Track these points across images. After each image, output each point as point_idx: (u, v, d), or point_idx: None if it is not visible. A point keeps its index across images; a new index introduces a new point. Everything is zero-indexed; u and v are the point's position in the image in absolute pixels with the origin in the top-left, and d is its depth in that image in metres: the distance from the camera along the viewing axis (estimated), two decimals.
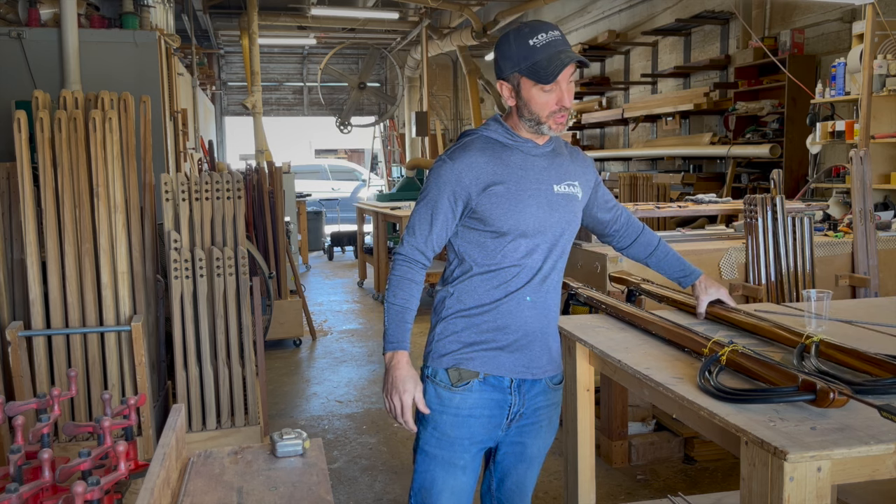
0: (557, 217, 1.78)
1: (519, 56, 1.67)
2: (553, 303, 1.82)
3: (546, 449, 1.95)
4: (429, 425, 1.81)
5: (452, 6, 10.62)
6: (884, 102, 5.07)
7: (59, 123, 2.96)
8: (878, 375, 1.59)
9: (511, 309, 1.76)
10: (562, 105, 1.70)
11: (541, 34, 1.66)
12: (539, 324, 1.79)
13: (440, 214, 1.75)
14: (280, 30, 12.24)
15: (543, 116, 1.71)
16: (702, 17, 7.70)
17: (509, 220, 1.72)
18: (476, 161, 1.73)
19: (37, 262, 2.99)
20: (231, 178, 3.37)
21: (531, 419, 1.85)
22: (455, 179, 1.72)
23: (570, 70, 1.68)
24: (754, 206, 3.56)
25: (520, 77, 1.69)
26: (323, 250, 11.28)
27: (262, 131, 9.29)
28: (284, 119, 16.88)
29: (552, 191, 1.77)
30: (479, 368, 1.76)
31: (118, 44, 5.28)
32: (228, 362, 3.37)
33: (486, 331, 1.76)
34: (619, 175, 6.92)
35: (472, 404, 1.77)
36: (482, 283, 1.76)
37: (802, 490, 1.32)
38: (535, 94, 1.69)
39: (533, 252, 1.76)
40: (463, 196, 1.73)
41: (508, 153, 1.76)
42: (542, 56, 1.65)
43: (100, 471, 1.39)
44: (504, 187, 1.72)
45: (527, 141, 1.78)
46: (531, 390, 1.83)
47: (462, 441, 1.79)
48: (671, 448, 3.46)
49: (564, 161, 1.83)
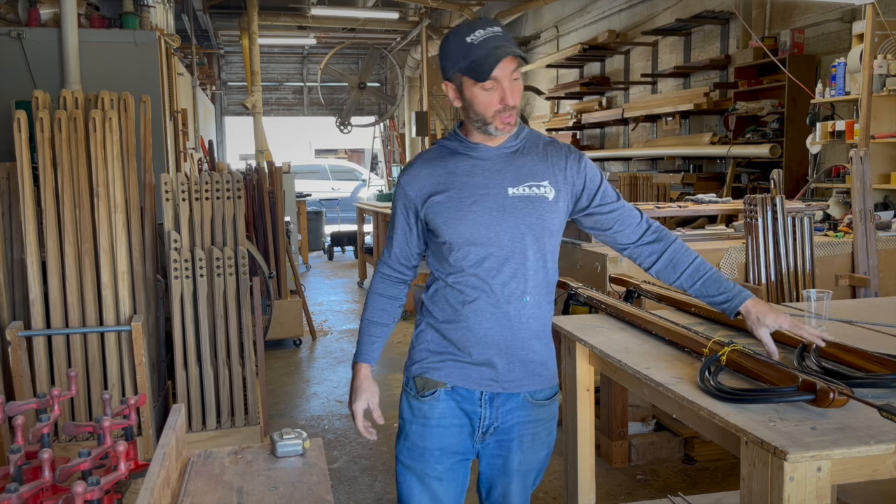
0: (513, 221, 1.67)
1: (458, 55, 1.61)
2: (526, 313, 1.71)
3: (536, 464, 1.83)
4: (401, 435, 1.81)
5: (452, 6, 10.62)
6: (884, 102, 5.06)
7: (59, 123, 2.96)
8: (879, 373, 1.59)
9: (470, 321, 1.70)
10: (506, 104, 1.62)
11: (479, 31, 1.59)
12: (503, 336, 1.70)
13: (398, 230, 1.78)
14: (280, 30, 12.24)
15: (488, 116, 1.63)
16: (702, 17, 7.70)
17: (450, 229, 1.68)
18: (419, 173, 1.72)
19: (37, 262, 2.98)
20: (231, 178, 3.37)
21: (509, 434, 1.77)
22: (403, 195, 1.74)
23: (511, 66, 1.61)
24: (754, 206, 3.56)
25: (461, 77, 1.63)
26: (323, 250, 11.27)
27: (262, 131, 9.29)
28: (284, 119, 16.89)
29: (505, 194, 1.67)
30: (445, 379, 1.73)
31: (118, 44, 5.28)
32: (228, 362, 3.37)
33: (453, 342, 1.72)
34: (619, 175, 6.91)
35: (440, 413, 1.74)
36: (447, 293, 1.73)
37: (802, 490, 1.32)
38: (476, 93, 1.62)
39: (484, 260, 1.68)
40: (412, 209, 1.74)
41: (456, 160, 1.71)
42: (480, 53, 1.58)
43: (100, 471, 1.39)
44: (445, 196, 1.68)
45: (477, 145, 1.71)
46: (506, 404, 1.74)
47: (432, 451, 1.75)
48: (671, 448, 3.46)
49: (529, 161, 1.71)
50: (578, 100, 10.96)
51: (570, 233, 3.90)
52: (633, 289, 2.72)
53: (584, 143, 11.08)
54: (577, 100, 11.01)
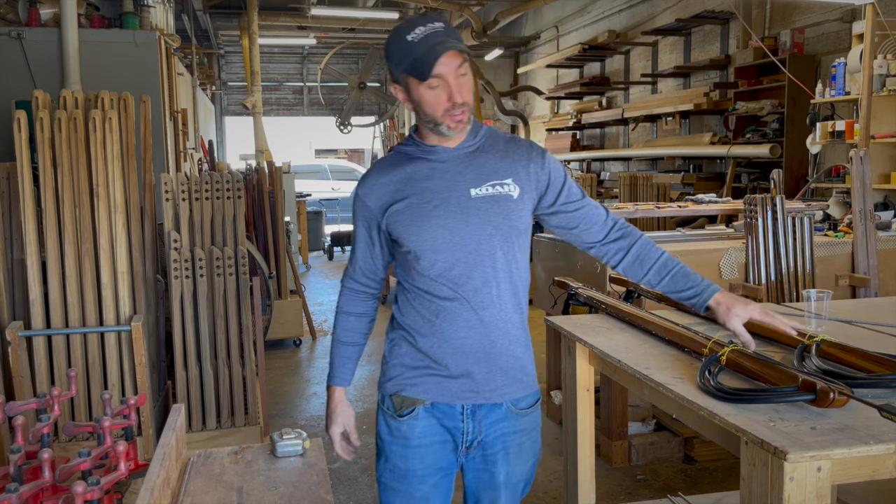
0: (478, 222, 1.60)
1: (400, 55, 1.55)
2: (502, 317, 1.64)
3: (523, 475, 1.76)
4: (381, 456, 1.74)
5: (452, 6, 10.62)
6: (884, 102, 5.06)
7: (59, 123, 2.96)
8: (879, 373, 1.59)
9: (445, 330, 1.62)
10: (454, 101, 1.54)
11: (419, 28, 1.53)
12: (481, 343, 1.63)
13: (360, 243, 1.73)
14: (280, 30, 12.24)
15: (438, 116, 1.56)
16: (702, 17, 7.70)
17: (413, 237, 1.61)
18: (377, 182, 1.66)
19: (37, 262, 2.99)
20: (231, 178, 3.37)
21: (495, 447, 1.70)
22: (362, 206, 1.68)
23: (456, 62, 1.53)
24: (754, 206, 3.56)
25: (406, 77, 1.56)
26: (323, 250, 11.27)
27: (262, 131, 9.29)
28: (284, 119, 16.89)
29: (468, 196, 1.60)
30: (423, 395, 1.65)
31: (118, 44, 5.28)
32: (228, 362, 3.37)
33: (428, 355, 1.65)
34: (619, 175, 6.92)
35: (421, 433, 1.67)
36: (418, 303, 1.66)
37: (802, 490, 1.32)
38: (423, 93, 1.55)
39: (453, 266, 1.60)
40: (374, 221, 1.68)
41: (414, 165, 1.65)
42: (420, 51, 1.51)
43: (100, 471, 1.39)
44: (406, 203, 1.61)
45: (434, 148, 1.64)
46: (489, 416, 1.67)
47: (415, 472, 1.68)
48: (671, 448, 3.46)
49: (490, 159, 1.65)
50: (578, 100, 10.96)
51: None
52: (633, 289, 2.72)
53: (584, 143, 11.09)
54: (577, 100, 11.01)
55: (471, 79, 1.60)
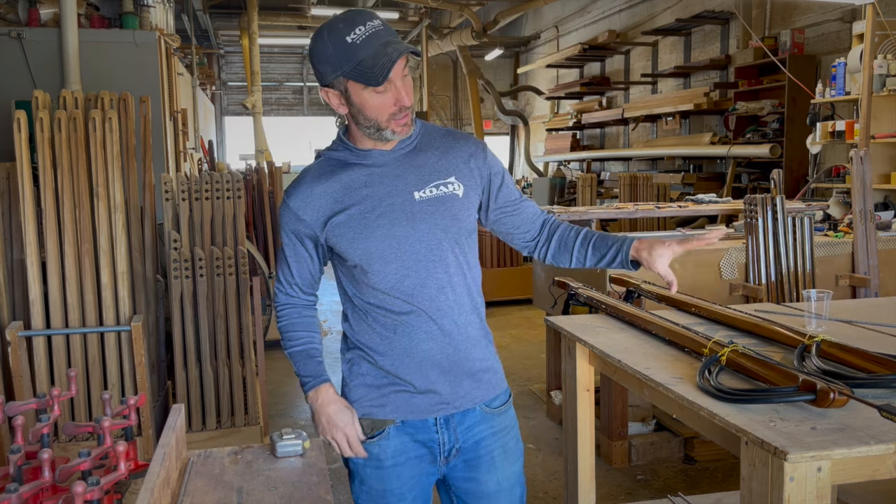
0: (426, 227, 1.51)
1: (339, 58, 1.42)
2: (461, 322, 1.57)
3: (513, 479, 1.68)
4: (356, 478, 1.64)
5: (452, 6, 10.63)
6: (884, 102, 5.07)
7: (58, 123, 2.96)
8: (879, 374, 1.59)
9: (405, 346, 1.54)
10: (401, 104, 1.45)
11: (358, 28, 1.40)
12: (445, 352, 1.55)
13: (294, 255, 1.61)
14: (280, 30, 12.25)
15: (382, 121, 1.46)
16: (702, 17, 7.71)
17: (358, 249, 1.51)
18: (311, 194, 1.53)
19: (37, 262, 2.98)
20: (231, 178, 3.37)
21: (475, 453, 1.62)
22: (294, 220, 1.55)
23: (402, 64, 1.43)
24: (754, 206, 3.56)
25: (346, 81, 1.44)
26: None
27: (262, 131, 9.30)
28: (284, 119, 16.89)
29: (412, 200, 1.51)
30: (392, 415, 1.57)
31: (118, 44, 5.28)
32: (228, 362, 3.37)
33: (391, 372, 1.56)
34: (619, 175, 6.92)
35: (394, 451, 1.59)
36: (370, 320, 1.57)
37: (802, 490, 1.32)
38: (367, 97, 1.44)
39: (406, 276, 1.52)
40: (309, 235, 1.56)
41: (349, 172, 1.53)
42: (366, 54, 1.39)
43: (100, 471, 1.39)
44: (346, 215, 1.50)
45: (370, 152, 1.52)
46: (463, 422, 1.60)
47: (392, 492, 1.60)
48: (671, 448, 3.46)
49: (430, 158, 1.55)
50: (578, 100, 10.97)
51: None
52: (633, 289, 2.72)
53: (584, 143, 11.09)
54: (577, 100, 11.02)
55: (411, 78, 1.50)
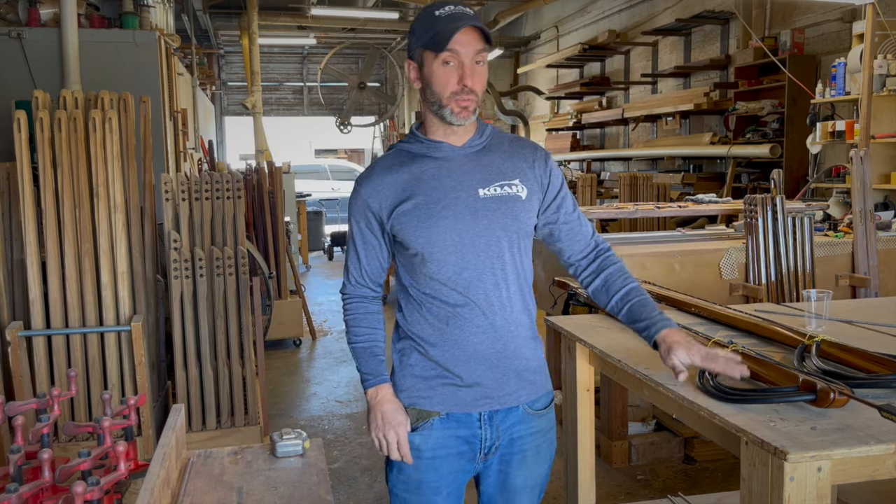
0: (487, 224, 1.56)
1: (423, 29, 1.53)
2: (512, 320, 1.61)
3: (538, 480, 1.72)
4: (394, 467, 1.67)
5: None
6: (884, 102, 5.06)
7: (59, 123, 2.96)
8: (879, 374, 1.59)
9: (457, 338, 1.58)
10: (464, 84, 1.51)
11: (448, 6, 1.51)
12: (493, 348, 1.59)
13: (364, 244, 1.64)
14: (280, 30, 12.25)
15: (445, 97, 1.52)
16: (702, 16, 7.70)
17: (421, 238, 1.55)
18: (382, 182, 1.59)
19: (37, 262, 2.98)
20: (231, 178, 3.37)
21: (510, 449, 1.67)
22: (364, 207, 1.61)
23: (475, 46, 1.51)
24: (754, 206, 3.56)
25: (423, 52, 1.54)
26: (323, 250, 11.27)
27: (262, 131, 9.30)
28: (284, 119, 16.90)
29: (476, 196, 1.56)
30: (438, 407, 1.61)
31: (118, 44, 5.28)
32: (228, 362, 3.37)
33: (439, 364, 1.60)
34: (619, 175, 6.92)
35: (435, 444, 1.62)
36: (424, 310, 1.60)
37: (802, 490, 1.32)
38: (435, 69, 1.52)
39: (464, 268, 1.56)
40: (376, 221, 1.61)
41: (419, 163, 1.59)
42: (443, 25, 1.49)
43: (100, 471, 1.39)
44: (412, 203, 1.56)
45: (441, 144, 1.59)
46: (506, 420, 1.64)
47: (429, 484, 1.63)
48: (671, 448, 3.46)
49: (497, 159, 1.61)
50: (578, 100, 10.96)
51: None
52: None
53: (584, 143, 11.08)
54: (577, 100, 11.01)
55: (486, 71, 1.56)
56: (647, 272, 3.42)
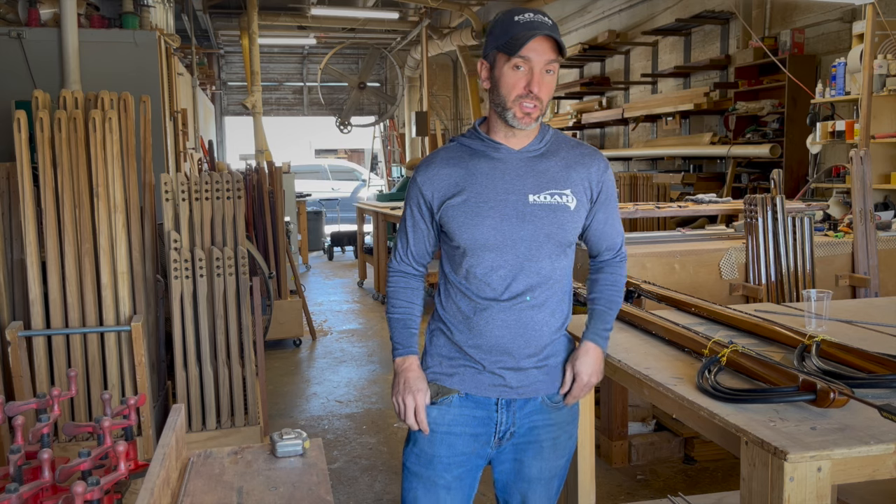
0: (531, 230, 1.62)
1: (501, 30, 1.58)
2: (539, 320, 1.66)
3: (555, 472, 1.77)
4: (410, 441, 1.75)
5: (452, 6, 10.62)
6: (884, 102, 5.06)
7: (58, 123, 2.96)
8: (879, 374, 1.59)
9: (482, 327, 1.65)
10: (530, 90, 1.55)
11: (528, 13, 1.57)
12: (516, 344, 1.65)
13: (413, 227, 1.72)
14: (280, 30, 12.24)
15: (510, 100, 1.57)
16: (702, 16, 7.70)
17: (465, 234, 1.62)
18: (438, 173, 1.66)
19: (37, 262, 2.98)
20: (231, 178, 3.37)
21: (527, 438, 1.72)
22: (418, 193, 1.68)
23: (548, 56, 1.55)
24: (754, 206, 3.56)
25: (496, 53, 1.59)
26: (323, 250, 11.27)
27: (262, 131, 9.30)
28: (284, 119, 16.89)
29: (525, 201, 1.62)
30: (458, 386, 1.68)
31: (118, 44, 5.28)
32: (228, 362, 3.37)
33: (464, 347, 1.67)
34: (620, 175, 6.92)
35: (451, 420, 1.69)
36: (457, 296, 1.68)
37: (802, 490, 1.32)
38: (506, 71, 1.57)
39: (499, 268, 1.62)
40: (427, 208, 1.68)
41: (476, 160, 1.65)
42: (520, 30, 1.54)
43: (100, 471, 1.39)
44: (462, 198, 1.62)
45: (500, 145, 1.65)
46: (524, 408, 1.70)
47: (441, 459, 1.69)
48: (671, 448, 3.46)
49: (553, 167, 1.65)
50: (578, 100, 10.96)
51: None
52: (633, 289, 2.72)
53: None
54: (577, 100, 11.01)
55: (555, 81, 1.61)
56: (647, 272, 3.42)
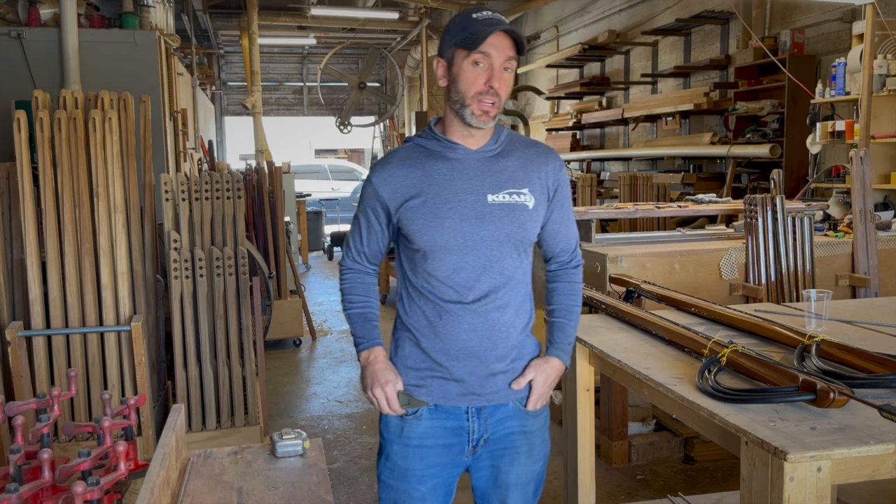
0: (491, 230, 1.60)
1: (458, 28, 1.57)
2: (505, 322, 1.64)
3: (531, 476, 1.75)
4: (383, 453, 1.73)
5: (452, 6, 10.62)
6: (884, 102, 5.06)
7: (58, 123, 2.96)
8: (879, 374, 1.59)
9: (448, 332, 1.62)
10: (490, 85, 1.54)
11: (486, 11, 1.57)
12: (483, 346, 1.62)
13: (368, 228, 1.70)
14: (280, 30, 12.25)
15: (468, 97, 1.55)
16: (702, 16, 7.70)
17: (425, 236, 1.59)
18: (394, 175, 1.63)
19: (37, 262, 2.98)
20: (231, 178, 3.37)
21: (503, 444, 1.70)
22: (374, 195, 1.65)
23: (507, 52, 1.54)
24: (754, 206, 3.56)
25: (454, 50, 1.57)
26: (323, 250, 11.27)
27: (262, 131, 9.30)
28: (284, 119, 16.90)
29: (484, 201, 1.60)
30: (427, 397, 1.66)
31: (118, 44, 5.28)
32: (228, 362, 3.37)
33: (430, 356, 1.64)
34: (619, 175, 6.92)
35: (423, 433, 1.66)
36: (420, 300, 1.65)
37: (802, 490, 1.32)
38: (464, 67, 1.55)
39: (461, 269, 1.60)
40: (383, 210, 1.65)
41: (433, 161, 1.62)
42: (478, 27, 1.53)
43: (100, 471, 1.39)
44: (420, 200, 1.60)
45: (457, 146, 1.63)
46: (495, 414, 1.67)
47: (415, 472, 1.67)
48: (671, 448, 3.46)
49: (509, 166, 1.64)
50: (578, 100, 10.96)
51: None
52: (633, 289, 2.72)
53: (584, 143, 11.08)
54: (577, 100, 11.01)
55: (512, 80, 1.60)
56: (647, 272, 3.42)
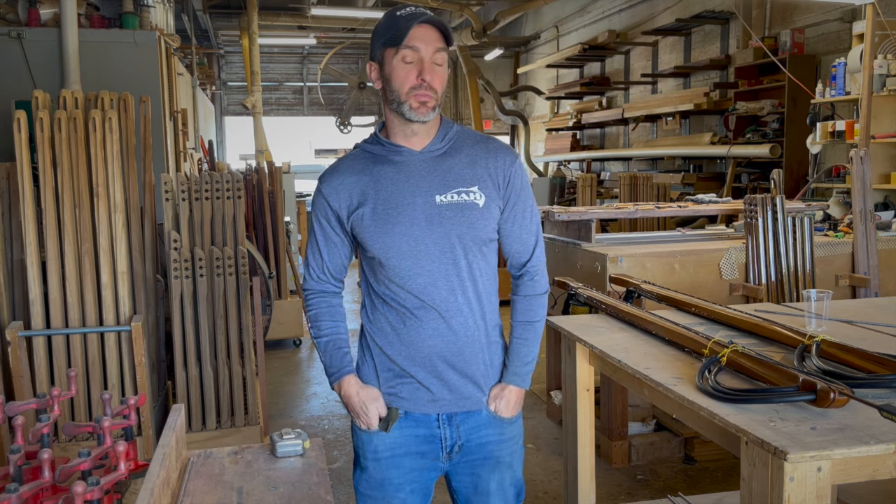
0: (441, 232, 1.57)
1: (384, 28, 1.55)
2: (470, 325, 1.61)
3: (511, 481, 1.72)
4: (357, 466, 1.71)
5: (452, 6, 10.62)
6: (884, 102, 5.06)
7: (58, 123, 2.96)
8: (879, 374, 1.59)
9: (413, 339, 1.60)
10: (422, 78, 1.52)
11: (409, 7, 1.56)
12: (450, 350, 1.60)
13: (326, 241, 1.67)
14: (280, 30, 12.24)
15: (403, 93, 1.53)
16: (702, 16, 7.70)
17: (377, 242, 1.58)
18: (343, 183, 1.61)
19: (37, 262, 2.98)
20: (231, 178, 3.37)
21: (482, 454, 1.67)
22: (325, 205, 1.63)
23: (435, 45, 1.53)
24: (754, 206, 3.56)
25: (383, 51, 1.55)
26: None
27: (262, 131, 9.30)
28: (284, 119, 16.88)
29: (433, 202, 1.57)
30: (395, 404, 1.64)
31: (118, 44, 5.28)
32: (228, 362, 3.37)
33: (396, 363, 1.63)
34: (619, 175, 6.92)
35: (393, 443, 1.64)
36: (383, 308, 1.63)
37: (802, 490, 1.32)
38: (396, 65, 1.53)
39: (418, 274, 1.58)
40: (336, 220, 1.63)
41: (380, 166, 1.60)
42: (402, 23, 1.52)
43: (100, 471, 1.39)
44: (370, 206, 1.58)
45: (401, 148, 1.60)
46: (467, 422, 1.65)
47: (391, 481, 1.65)
48: (671, 448, 3.46)
49: (457, 164, 1.60)
50: (578, 100, 10.96)
51: (570, 233, 3.89)
52: (633, 289, 2.72)
53: (584, 143, 11.09)
54: (577, 100, 11.02)
55: (446, 72, 1.58)
56: (647, 272, 3.42)
